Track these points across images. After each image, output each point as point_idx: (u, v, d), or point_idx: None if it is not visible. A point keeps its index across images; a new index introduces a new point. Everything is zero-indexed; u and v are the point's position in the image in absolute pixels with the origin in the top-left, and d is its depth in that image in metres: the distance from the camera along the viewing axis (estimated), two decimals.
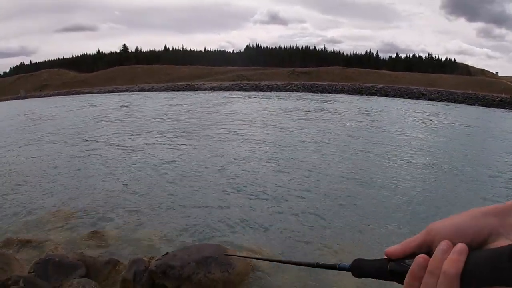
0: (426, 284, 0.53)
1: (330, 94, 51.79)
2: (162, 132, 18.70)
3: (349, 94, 53.69)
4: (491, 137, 23.25)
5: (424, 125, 25.98)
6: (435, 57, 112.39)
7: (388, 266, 0.58)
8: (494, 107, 47.18)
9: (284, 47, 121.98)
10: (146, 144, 15.73)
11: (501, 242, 0.50)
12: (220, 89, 61.06)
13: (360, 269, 0.62)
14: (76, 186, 10.06)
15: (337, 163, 13.06)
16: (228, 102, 37.66)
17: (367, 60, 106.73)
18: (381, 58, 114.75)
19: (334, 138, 17.61)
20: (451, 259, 0.50)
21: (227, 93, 52.00)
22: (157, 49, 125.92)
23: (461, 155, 16.25)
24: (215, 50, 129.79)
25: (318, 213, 8.33)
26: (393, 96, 53.99)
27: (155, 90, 63.41)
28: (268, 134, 18.29)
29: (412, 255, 0.56)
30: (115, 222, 7.49)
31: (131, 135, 17.90)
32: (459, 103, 50.75)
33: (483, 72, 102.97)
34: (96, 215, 7.83)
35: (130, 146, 15.32)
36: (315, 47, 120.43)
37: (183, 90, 61.48)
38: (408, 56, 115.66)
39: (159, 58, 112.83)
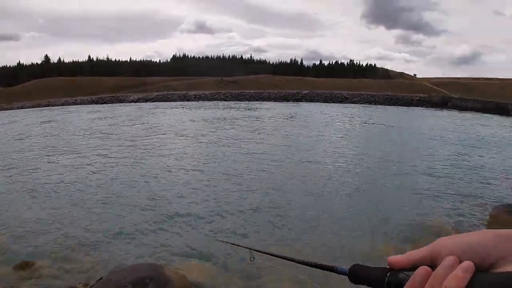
0: None
1: (257, 102, 52.82)
2: (85, 150, 18.10)
3: (275, 101, 55.11)
4: (411, 132, 25.36)
5: (346, 126, 27.47)
6: (356, 63, 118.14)
7: (387, 276, 0.56)
8: (413, 106, 51.59)
9: (211, 56, 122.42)
10: (69, 164, 15.18)
11: (510, 268, 0.48)
12: (146, 100, 59.92)
13: (358, 275, 0.61)
14: None
15: (262, 171, 13.47)
16: (154, 114, 37.21)
17: (292, 68, 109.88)
18: (306, 65, 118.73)
19: (259, 146, 18.08)
20: (455, 275, 0.49)
21: (153, 105, 51.12)
22: (80, 60, 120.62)
23: (383, 151, 17.66)
24: (141, 60, 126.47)
25: (242, 228, 8.69)
26: (318, 101, 56.27)
27: (79, 104, 60.76)
28: (193, 147, 18.45)
29: (414, 267, 0.54)
30: (45, 250, 7.32)
31: (53, 155, 17.15)
32: (380, 104, 54.25)
33: (402, 75, 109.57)
34: (25, 245, 7.59)
35: (52, 168, 14.71)
36: (242, 56, 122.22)
37: (109, 103, 59.52)
38: (330, 63, 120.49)
39: (83, 69, 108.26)
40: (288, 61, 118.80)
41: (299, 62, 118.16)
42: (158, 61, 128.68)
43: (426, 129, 27.23)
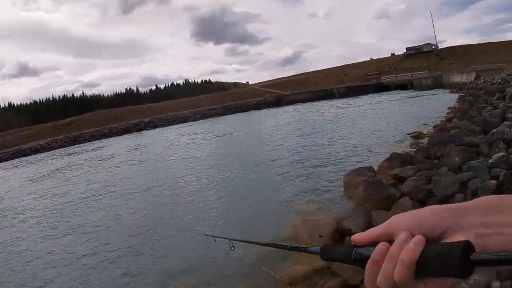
0: (385, 269, 0.56)
1: (98, 140, 49.00)
2: None
3: (118, 135, 52.17)
4: (254, 134, 26.23)
5: (192, 145, 27.12)
6: (192, 81, 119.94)
7: (353, 253, 0.62)
8: (252, 110, 55.18)
9: (40, 101, 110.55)
10: None
11: (457, 237, 0.54)
12: None
13: (328, 253, 0.67)
14: None
15: (122, 213, 12.03)
16: None
17: (129, 97, 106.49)
18: (142, 92, 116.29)
19: (109, 188, 16.19)
20: (409, 248, 0.54)
21: None
22: None
23: (234, 158, 17.81)
24: None
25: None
26: (162, 126, 55.21)
27: None
28: (39, 217, 15.21)
29: (375, 243, 0.60)
30: None
31: None
32: (221, 115, 56.20)
33: (236, 84, 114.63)
34: None
35: None
36: (73, 95, 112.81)
37: None
38: (167, 85, 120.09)
39: None
40: (124, 91, 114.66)
41: (135, 90, 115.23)
42: None
43: (266, 128, 28.65)
